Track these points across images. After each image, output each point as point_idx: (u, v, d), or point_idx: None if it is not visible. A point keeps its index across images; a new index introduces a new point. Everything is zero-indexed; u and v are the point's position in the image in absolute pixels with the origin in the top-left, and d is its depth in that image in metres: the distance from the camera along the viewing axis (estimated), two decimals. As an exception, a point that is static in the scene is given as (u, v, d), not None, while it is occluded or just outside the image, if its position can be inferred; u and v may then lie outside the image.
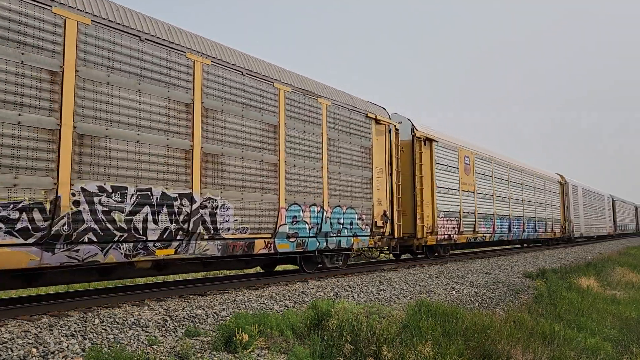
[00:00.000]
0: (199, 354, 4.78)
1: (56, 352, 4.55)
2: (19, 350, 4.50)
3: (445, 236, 15.61)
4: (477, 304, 9.08)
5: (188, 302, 7.04)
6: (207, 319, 6.22)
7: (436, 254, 16.12)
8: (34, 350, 4.52)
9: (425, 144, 14.93)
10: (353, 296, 8.44)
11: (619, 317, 10.22)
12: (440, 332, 6.09)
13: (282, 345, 5.25)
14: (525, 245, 27.47)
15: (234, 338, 4.97)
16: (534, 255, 20.71)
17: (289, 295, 7.95)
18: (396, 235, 12.73)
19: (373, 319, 6.53)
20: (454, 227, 16.17)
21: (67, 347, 4.71)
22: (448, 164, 16.33)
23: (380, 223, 12.09)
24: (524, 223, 23.02)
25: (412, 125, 14.64)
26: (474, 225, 17.70)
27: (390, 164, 12.94)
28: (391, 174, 12.92)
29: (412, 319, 6.43)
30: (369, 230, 11.75)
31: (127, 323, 5.62)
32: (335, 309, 6.21)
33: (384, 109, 13.55)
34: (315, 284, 9.26)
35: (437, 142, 15.59)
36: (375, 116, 12.39)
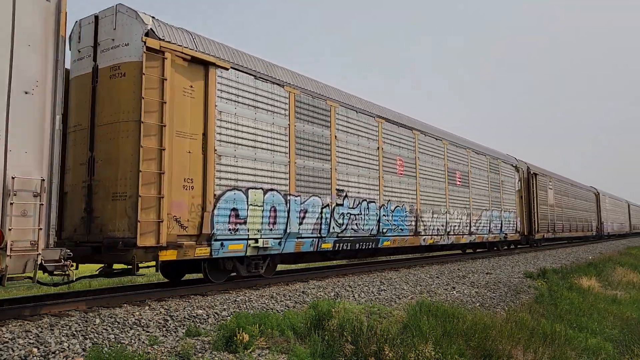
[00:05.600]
0: (200, 354, 4.78)
1: (57, 351, 4.56)
2: (20, 350, 4.50)
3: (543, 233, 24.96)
4: (477, 304, 9.07)
5: (189, 302, 7.05)
6: (207, 318, 6.22)
7: (535, 245, 25.27)
8: (35, 350, 4.53)
9: (534, 177, 23.81)
10: (354, 296, 8.44)
11: (620, 317, 10.22)
12: (441, 332, 6.09)
13: (282, 345, 5.25)
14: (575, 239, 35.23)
15: (235, 338, 4.97)
16: (535, 255, 20.72)
17: (289, 295, 7.95)
18: (525, 233, 22.51)
19: (374, 319, 6.53)
20: (547, 228, 25.37)
21: (68, 346, 4.72)
22: (543, 188, 25.46)
23: (518, 225, 21.51)
24: (582, 222, 33.87)
25: (527, 166, 23.67)
26: (553, 225, 26.77)
27: (519, 191, 22.31)
28: (521, 197, 22.30)
29: (413, 319, 6.43)
30: (514, 230, 21.03)
31: (128, 323, 5.62)
32: (336, 309, 6.21)
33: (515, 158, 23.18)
34: (315, 284, 9.27)
35: (538, 174, 24.44)
36: (515, 165, 21.98)
